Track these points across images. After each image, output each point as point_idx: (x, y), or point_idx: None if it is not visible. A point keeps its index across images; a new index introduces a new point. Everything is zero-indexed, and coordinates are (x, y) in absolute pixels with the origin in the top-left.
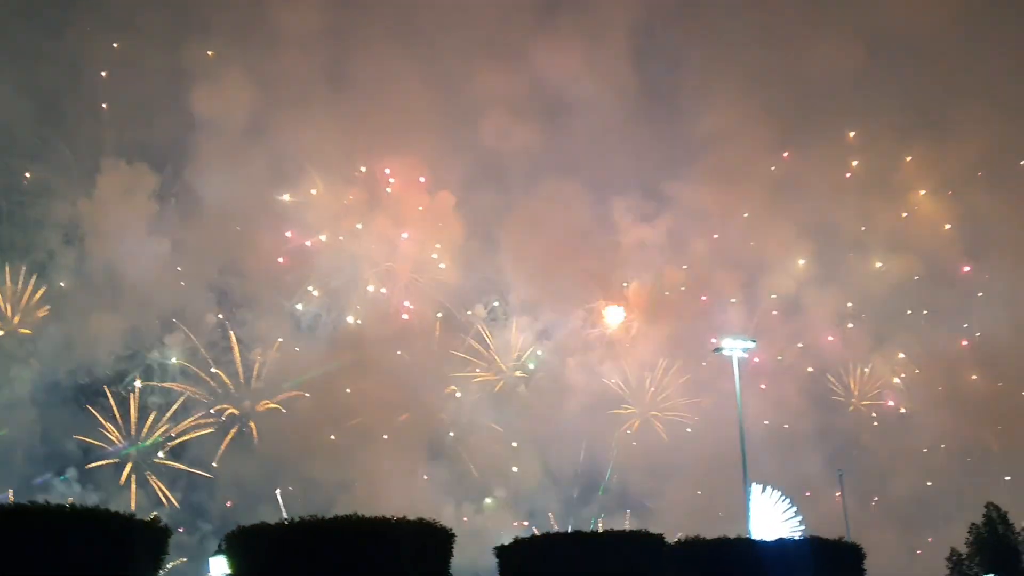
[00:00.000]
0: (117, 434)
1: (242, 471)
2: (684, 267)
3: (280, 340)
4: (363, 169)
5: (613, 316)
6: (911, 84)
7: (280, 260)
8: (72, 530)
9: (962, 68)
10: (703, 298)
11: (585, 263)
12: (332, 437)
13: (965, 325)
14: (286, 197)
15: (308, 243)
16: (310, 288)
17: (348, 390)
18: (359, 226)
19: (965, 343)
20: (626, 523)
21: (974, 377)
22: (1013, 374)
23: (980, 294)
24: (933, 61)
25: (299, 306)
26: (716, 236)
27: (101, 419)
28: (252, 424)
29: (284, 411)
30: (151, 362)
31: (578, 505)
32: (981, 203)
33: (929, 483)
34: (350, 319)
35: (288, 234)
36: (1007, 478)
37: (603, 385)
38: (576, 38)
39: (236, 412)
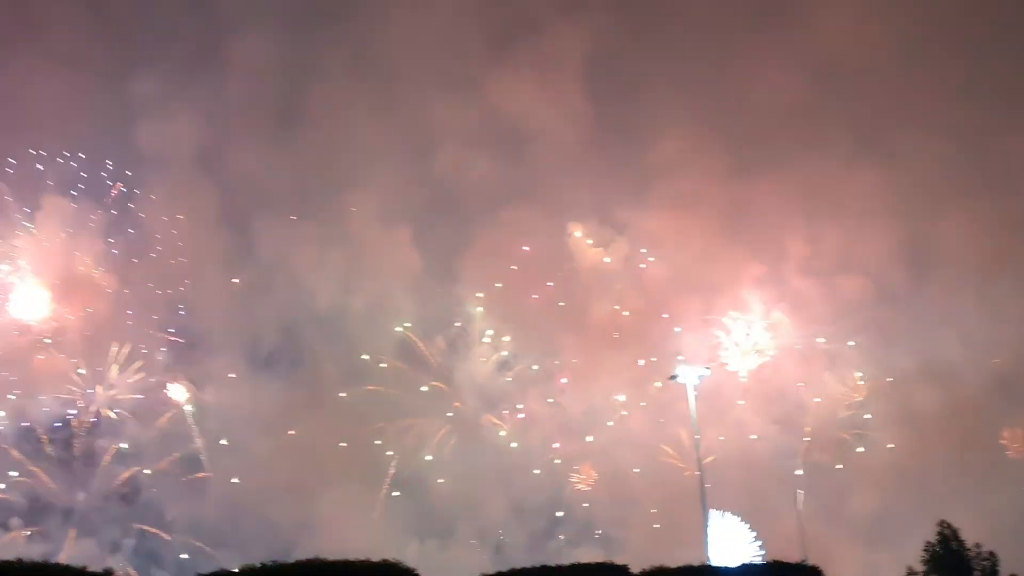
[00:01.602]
0: (61, 481)
1: (198, 515)
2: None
3: (234, 378)
4: (317, 202)
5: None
6: (855, 112)
7: (232, 297)
8: None
9: (903, 97)
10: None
11: (545, 292)
12: (291, 475)
13: (915, 344)
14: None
15: (263, 280)
16: (265, 325)
17: (306, 428)
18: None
19: (916, 362)
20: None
21: (927, 395)
22: (963, 392)
23: (927, 313)
24: (875, 90)
25: (255, 343)
26: (671, 262)
27: (43, 466)
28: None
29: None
30: (100, 404)
31: (543, 538)
32: (925, 226)
33: (887, 501)
34: (307, 356)
35: (233, 280)
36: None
37: (567, 415)
38: (530, 69)
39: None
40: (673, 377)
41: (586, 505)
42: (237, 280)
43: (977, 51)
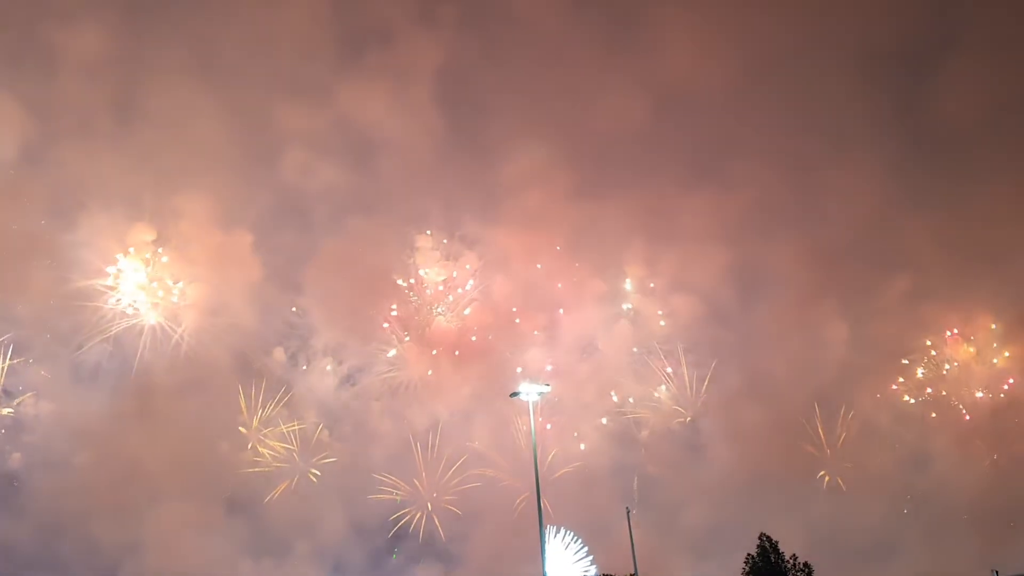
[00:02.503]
0: None
1: (12, 534)
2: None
3: (57, 388)
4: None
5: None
6: (693, 140)
7: (57, 301)
8: None
9: (738, 128)
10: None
11: (390, 305)
12: (118, 492)
13: (743, 363)
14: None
15: (90, 284)
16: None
17: (135, 443)
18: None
19: (743, 379)
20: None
21: (754, 412)
22: (786, 409)
23: (754, 334)
24: (713, 118)
25: (80, 352)
26: (518, 277)
27: None
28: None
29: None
30: None
31: (384, 554)
32: (754, 251)
33: (718, 514)
34: (136, 367)
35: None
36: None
37: (409, 430)
38: (383, 79)
39: None
40: (515, 394)
41: (428, 521)
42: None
43: (809, 90)
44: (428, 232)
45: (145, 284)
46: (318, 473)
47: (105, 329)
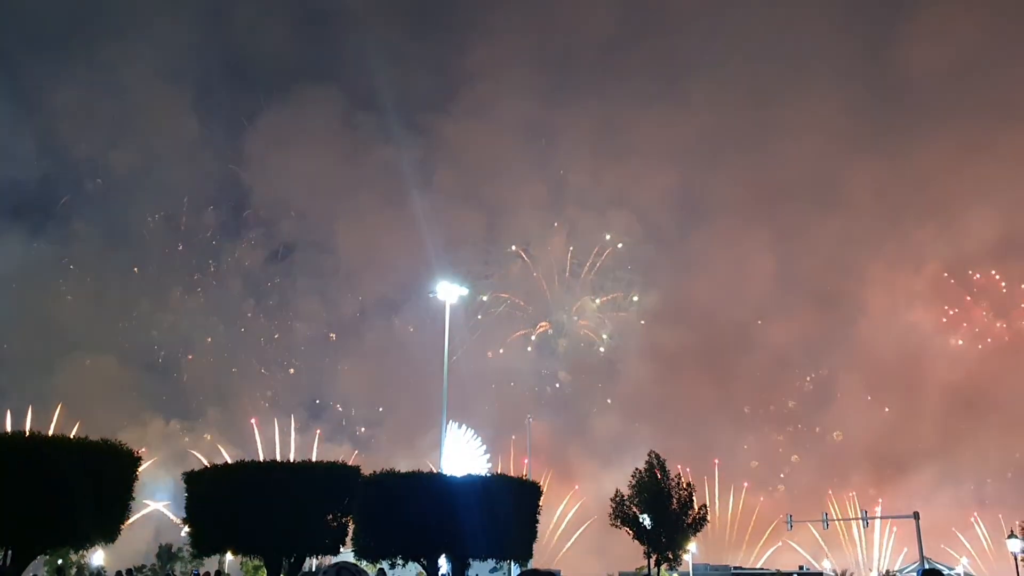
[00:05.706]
0: None
1: None
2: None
3: None
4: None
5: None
6: (659, 51)
7: None
8: None
9: (706, 45)
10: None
11: (328, 180)
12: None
13: (670, 283)
14: None
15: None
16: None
17: (53, 291)
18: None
19: (669, 300)
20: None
21: (672, 333)
22: (704, 334)
23: (685, 257)
24: (682, 34)
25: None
26: (461, 170)
27: None
28: None
29: None
30: None
31: (299, 431)
32: (699, 175)
33: (625, 428)
34: (59, 211)
35: None
36: None
37: (335, 311)
38: None
39: None
40: (432, 293)
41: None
42: None
43: (781, 19)
44: (377, 109)
45: (76, 128)
46: (237, 342)
47: (31, 166)
